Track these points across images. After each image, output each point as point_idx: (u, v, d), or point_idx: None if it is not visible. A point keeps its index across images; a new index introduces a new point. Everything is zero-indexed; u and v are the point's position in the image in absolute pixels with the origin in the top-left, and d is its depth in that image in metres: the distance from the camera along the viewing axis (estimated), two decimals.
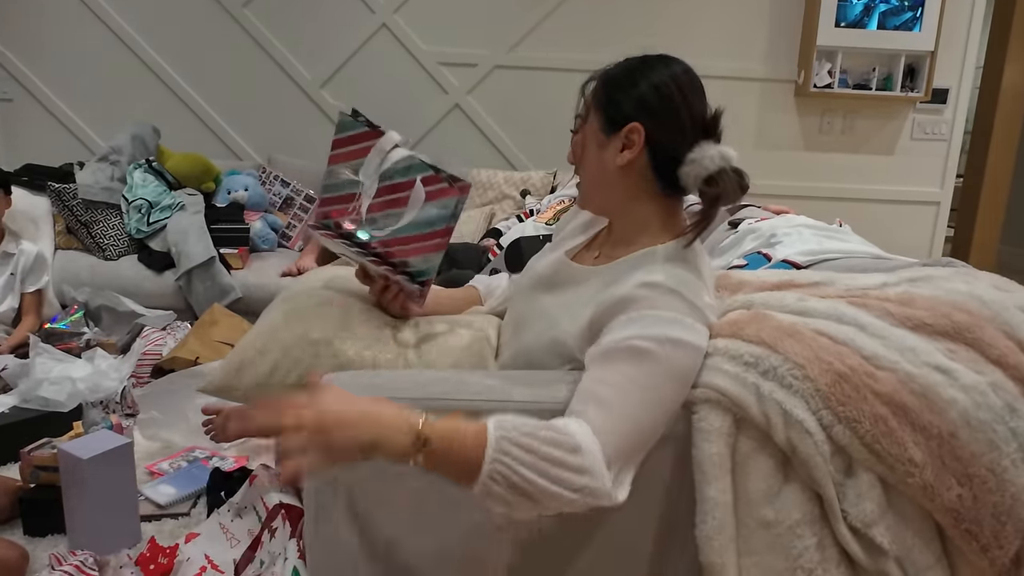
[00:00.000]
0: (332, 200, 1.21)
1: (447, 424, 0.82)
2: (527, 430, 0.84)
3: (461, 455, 0.80)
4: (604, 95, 1.10)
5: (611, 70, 1.11)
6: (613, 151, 1.08)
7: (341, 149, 1.21)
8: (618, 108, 1.08)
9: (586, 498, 0.86)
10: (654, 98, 1.06)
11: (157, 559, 1.42)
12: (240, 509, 1.49)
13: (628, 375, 0.93)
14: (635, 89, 1.07)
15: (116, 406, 2.16)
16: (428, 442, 0.79)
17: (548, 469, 0.83)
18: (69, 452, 1.50)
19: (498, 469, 0.80)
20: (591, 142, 1.12)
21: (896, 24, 3.63)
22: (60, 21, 3.58)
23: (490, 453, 0.80)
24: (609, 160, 1.09)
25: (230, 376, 1.19)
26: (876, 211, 3.96)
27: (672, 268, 1.03)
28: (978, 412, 0.92)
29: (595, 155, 1.11)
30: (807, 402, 0.94)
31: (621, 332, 0.96)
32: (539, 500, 0.84)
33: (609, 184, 1.11)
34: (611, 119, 1.08)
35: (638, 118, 1.06)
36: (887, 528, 0.94)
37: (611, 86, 1.09)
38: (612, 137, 1.08)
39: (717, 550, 0.96)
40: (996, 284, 1.08)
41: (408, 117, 3.78)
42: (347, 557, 1.04)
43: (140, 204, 3.10)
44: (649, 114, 1.06)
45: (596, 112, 1.11)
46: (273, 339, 1.20)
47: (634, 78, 1.07)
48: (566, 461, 0.84)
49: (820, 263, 1.52)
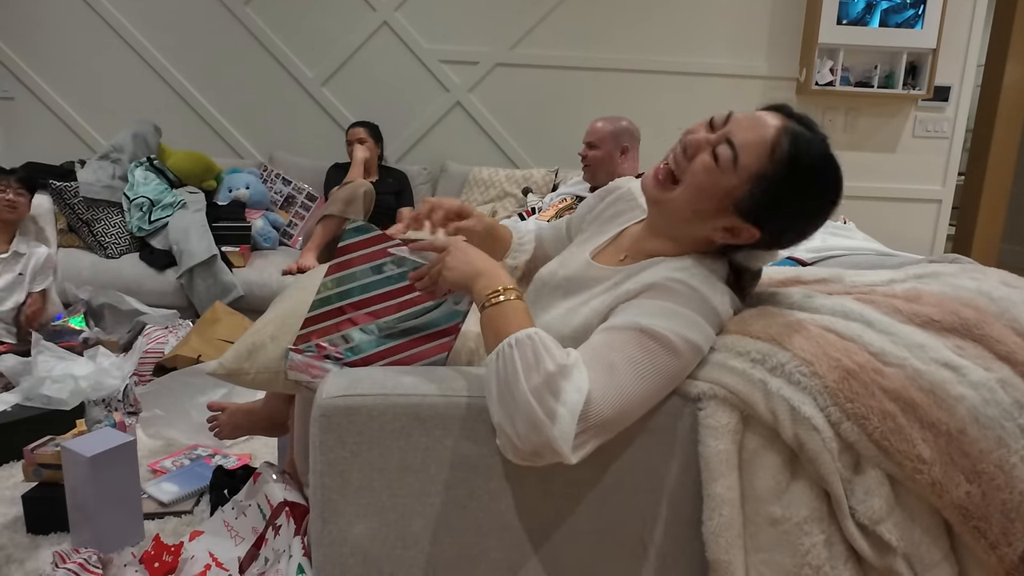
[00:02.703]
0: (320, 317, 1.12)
1: (518, 303, 0.99)
2: (552, 346, 0.92)
3: (507, 322, 0.96)
4: (773, 185, 0.98)
5: (792, 152, 0.97)
6: (722, 221, 1.02)
7: (348, 255, 1.12)
8: (769, 217, 1.00)
9: (543, 426, 0.87)
10: (794, 231, 1.04)
11: (162, 557, 1.42)
12: (244, 507, 1.49)
13: (639, 357, 0.93)
14: (793, 213, 1.01)
15: (119, 404, 2.16)
16: (500, 302, 0.98)
17: (532, 374, 0.88)
18: (72, 450, 1.50)
19: (511, 344, 0.92)
20: (706, 182, 1.00)
21: (898, 22, 3.63)
22: (61, 19, 3.57)
23: (514, 336, 0.93)
24: (708, 219, 1.03)
25: (241, 360, 1.19)
26: (878, 209, 3.96)
27: (696, 269, 1.02)
28: (987, 409, 0.91)
29: (699, 195, 1.01)
30: (815, 399, 0.94)
31: (644, 315, 0.95)
32: (512, 391, 0.89)
33: (692, 225, 1.05)
34: (750, 211, 1.00)
35: (768, 231, 1.02)
36: (895, 525, 0.93)
37: (784, 190, 0.98)
38: (734, 215, 1.01)
39: (724, 547, 0.95)
40: (1004, 280, 1.08)
41: (409, 115, 3.78)
42: (352, 555, 1.03)
43: (142, 202, 3.10)
44: (778, 237, 1.04)
45: (751, 184, 0.98)
46: (285, 326, 1.20)
47: (800, 204, 1.00)
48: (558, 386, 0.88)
49: (825, 259, 1.52)
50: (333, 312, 1.11)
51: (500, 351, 0.92)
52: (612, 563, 1.06)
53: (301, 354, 1.11)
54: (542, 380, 0.88)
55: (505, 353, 0.92)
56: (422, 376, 1.04)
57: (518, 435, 0.88)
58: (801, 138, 0.99)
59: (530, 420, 0.87)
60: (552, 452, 0.88)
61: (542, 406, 0.87)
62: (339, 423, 0.99)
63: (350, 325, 1.11)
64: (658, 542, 1.05)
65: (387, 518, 1.02)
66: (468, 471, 1.01)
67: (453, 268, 1.04)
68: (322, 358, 1.11)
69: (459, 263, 1.04)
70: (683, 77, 3.78)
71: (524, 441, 0.88)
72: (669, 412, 0.99)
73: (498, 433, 0.92)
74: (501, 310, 0.97)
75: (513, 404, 0.89)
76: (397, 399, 1.00)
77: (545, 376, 0.88)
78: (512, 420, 0.89)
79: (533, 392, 0.88)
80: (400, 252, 1.10)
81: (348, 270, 1.11)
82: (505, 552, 1.04)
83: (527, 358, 0.90)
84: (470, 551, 1.04)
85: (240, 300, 2.94)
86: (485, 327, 0.98)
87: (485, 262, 1.04)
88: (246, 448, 2.06)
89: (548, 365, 0.89)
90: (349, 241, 1.11)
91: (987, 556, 0.93)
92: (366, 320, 1.11)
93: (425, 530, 1.03)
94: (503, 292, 0.98)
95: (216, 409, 1.73)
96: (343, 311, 1.11)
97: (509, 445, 0.91)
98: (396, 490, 1.02)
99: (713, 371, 0.99)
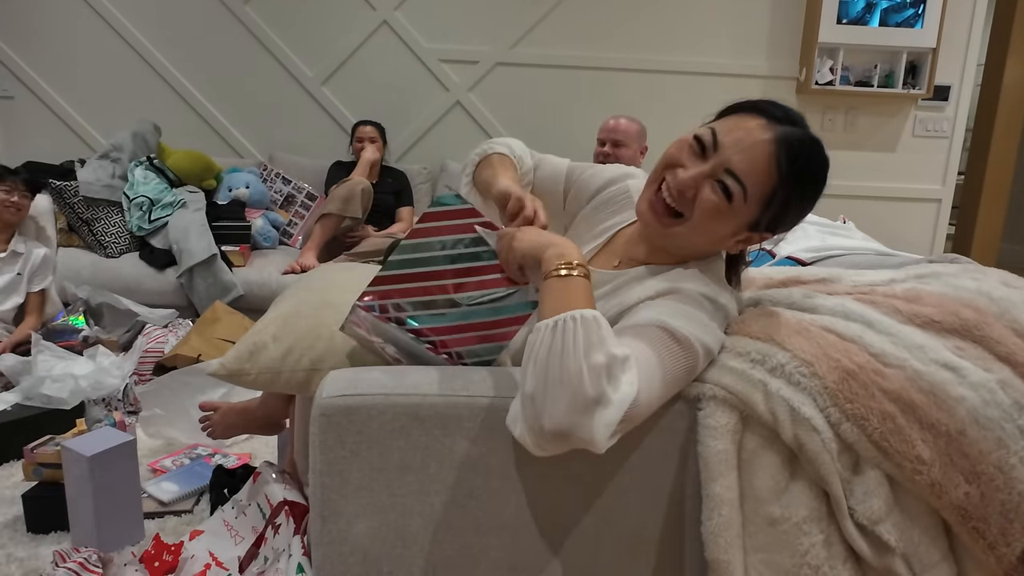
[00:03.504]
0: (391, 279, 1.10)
1: (585, 281, 0.94)
2: (612, 336, 0.88)
3: (569, 296, 0.91)
4: (783, 199, 0.99)
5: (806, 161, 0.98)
6: (735, 239, 1.04)
7: (432, 223, 1.09)
8: (777, 224, 1.02)
9: (588, 407, 0.82)
10: (796, 221, 1.05)
11: (162, 556, 1.42)
12: (244, 506, 1.49)
13: (667, 358, 0.93)
14: (799, 209, 1.02)
15: (119, 403, 2.16)
16: (564, 275, 0.93)
17: (593, 353, 0.84)
18: (73, 449, 1.50)
19: (575, 319, 0.87)
20: (725, 216, 1.00)
21: (898, 21, 3.63)
22: (61, 18, 3.57)
23: (580, 311, 0.88)
24: (719, 244, 1.05)
25: (242, 360, 1.19)
26: (877, 208, 3.96)
27: (705, 276, 1.04)
28: (986, 410, 0.92)
29: (717, 225, 1.01)
30: (814, 399, 0.94)
31: (669, 316, 0.95)
32: (563, 361, 0.84)
33: (698, 246, 1.06)
34: (762, 224, 1.01)
35: (775, 230, 1.04)
36: (894, 525, 0.94)
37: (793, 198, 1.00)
38: (747, 231, 1.02)
39: (723, 547, 0.95)
40: (1004, 281, 1.08)
41: (409, 114, 3.78)
42: (352, 554, 1.03)
43: (141, 201, 3.10)
44: (780, 228, 1.04)
45: (762, 205, 0.99)
46: (286, 326, 1.20)
47: (802, 204, 1.02)
48: (616, 374, 0.85)
49: (825, 259, 1.52)
50: (405, 277, 1.08)
51: (560, 321, 0.87)
52: (612, 562, 1.06)
53: (367, 312, 1.08)
54: (604, 362, 0.83)
55: (567, 325, 0.86)
56: (422, 376, 1.04)
57: (552, 409, 0.83)
58: (795, 144, 0.97)
59: (576, 396, 0.82)
60: (584, 436, 0.83)
61: (594, 387, 0.82)
62: (339, 422, 0.99)
63: (421, 294, 1.08)
64: (658, 542, 1.05)
65: (387, 517, 1.03)
66: (467, 470, 1.01)
67: (524, 240, 1.00)
68: (386, 320, 1.08)
69: (532, 235, 1.01)
70: (683, 77, 3.78)
71: (556, 418, 0.83)
72: (669, 412, 1.00)
73: (523, 406, 0.87)
74: (568, 283, 0.92)
75: (560, 376, 0.83)
76: (397, 399, 1.00)
77: (609, 359, 0.84)
78: (551, 391, 0.83)
79: (590, 370, 0.83)
80: (484, 231, 1.06)
81: (429, 238, 1.08)
82: (504, 551, 1.04)
83: (591, 337, 0.85)
84: (469, 550, 1.04)
85: (240, 299, 2.94)
86: (546, 294, 0.93)
87: (559, 238, 0.99)
88: (246, 447, 2.06)
89: (615, 350, 0.85)
90: (437, 209, 1.07)
91: (985, 556, 0.93)
92: (438, 292, 1.08)
93: (424, 529, 1.03)
94: (573, 267, 0.93)
95: (208, 409, 1.73)
96: (416, 278, 1.08)
97: (532, 420, 0.85)
98: (396, 489, 1.02)
99: (713, 371, 0.99)
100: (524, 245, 1.00)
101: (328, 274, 1.40)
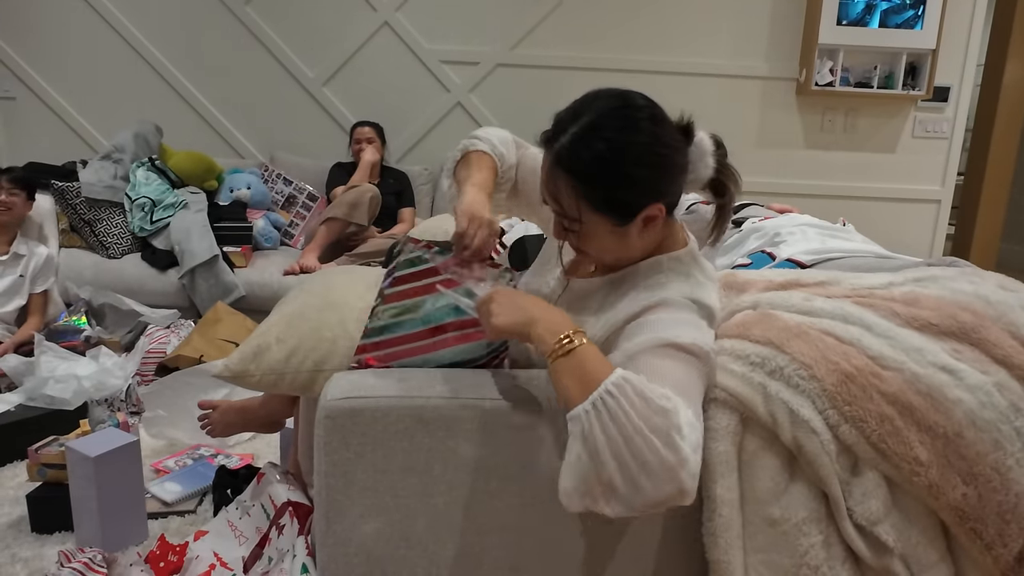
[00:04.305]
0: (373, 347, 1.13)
1: (591, 347, 0.91)
2: (648, 384, 0.85)
3: (587, 370, 0.87)
4: (598, 197, 0.98)
5: (577, 163, 0.97)
6: (635, 231, 1.01)
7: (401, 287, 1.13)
8: (627, 207, 0.99)
9: (676, 473, 0.80)
10: (654, 177, 0.98)
11: (167, 556, 1.43)
12: (248, 507, 1.50)
13: (690, 372, 0.93)
14: (630, 181, 0.97)
15: (121, 404, 2.17)
16: (571, 348, 0.90)
17: (652, 417, 0.81)
18: (77, 450, 1.51)
19: (611, 393, 0.83)
20: (602, 236, 1.02)
21: (898, 22, 3.64)
22: (62, 19, 3.58)
23: (613, 378, 0.85)
24: (632, 240, 1.03)
25: (247, 362, 1.20)
26: (877, 209, 3.96)
27: (682, 277, 1.05)
28: (983, 412, 0.93)
29: (613, 243, 1.03)
30: (813, 402, 0.95)
31: (671, 331, 0.95)
32: (630, 445, 0.81)
33: (632, 250, 1.06)
34: (622, 215, 0.99)
35: (652, 201, 0.98)
36: (892, 526, 0.95)
37: (599, 186, 0.97)
38: (629, 225, 1.00)
39: (723, 547, 0.96)
40: (1002, 284, 1.09)
41: (410, 115, 3.78)
42: (356, 554, 1.04)
43: (143, 202, 3.10)
44: (658, 193, 0.99)
45: (597, 215, 0.99)
46: (290, 328, 1.21)
47: (618, 167, 0.96)
48: (679, 423, 0.82)
49: (824, 262, 1.53)
50: (387, 342, 1.12)
51: (598, 403, 0.83)
52: (612, 562, 1.07)
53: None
54: (664, 423, 0.81)
55: (608, 404, 0.83)
56: (425, 378, 1.05)
57: (643, 490, 0.81)
58: (563, 155, 0.98)
59: (664, 471, 0.80)
60: (682, 497, 0.81)
61: (674, 453, 0.80)
62: (343, 424, 1.00)
63: (407, 355, 1.12)
64: (657, 542, 1.06)
65: (391, 518, 1.04)
66: (470, 472, 1.02)
67: (501, 314, 0.97)
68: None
69: (506, 310, 0.97)
70: (683, 77, 3.79)
71: (648, 495, 0.81)
72: None
73: (597, 492, 0.83)
74: (577, 358, 0.89)
75: (637, 458, 0.80)
76: (400, 401, 1.01)
77: (665, 416, 0.81)
78: (636, 476, 0.81)
79: (662, 439, 0.80)
80: (446, 291, 1.09)
81: (401, 301, 1.12)
82: (506, 552, 1.05)
83: (635, 403, 0.82)
84: (472, 550, 1.05)
85: (241, 300, 2.95)
86: (560, 377, 0.89)
87: (535, 305, 0.97)
88: (248, 448, 2.07)
89: (662, 403, 0.83)
90: (404, 272, 1.12)
91: (983, 557, 0.94)
92: (420, 352, 1.12)
93: (428, 530, 1.04)
94: (572, 337, 0.90)
95: (207, 407, 1.73)
96: (398, 342, 1.12)
97: (618, 504, 0.83)
98: (399, 491, 1.03)
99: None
100: (502, 322, 0.96)
101: (331, 277, 1.41)
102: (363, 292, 1.31)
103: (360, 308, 1.24)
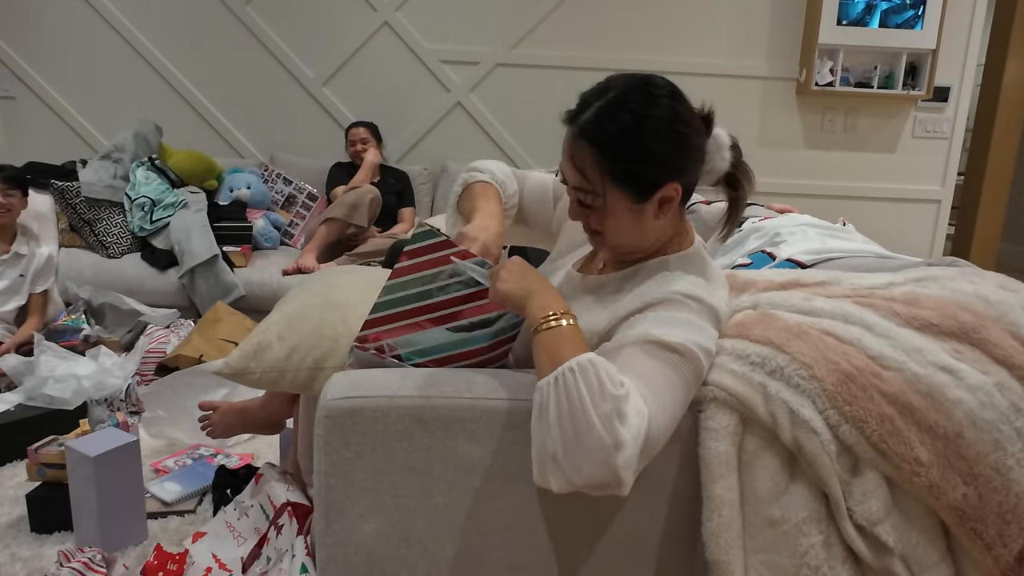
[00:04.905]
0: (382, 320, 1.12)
1: (573, 329, 0.96)
2: (613, 371, 0.89)
3: (561, 348, 0.93)
4: (619, 169, 1.00)
5: (603, 135, 1.00)
6: (651, 212, 1.03)
7: (411, 260, 1.11)
8: (646, 181, 1.00)
9: (609, 455, 0.84)
10: (672, 152, 1.00)
11: (166, 566, 1.42)
12: (247, 507, 1.50)
13: (670, 372, 0.93)
14: (649, 154, 0.99)
15: (121, 404, 2.17)
16: (555, 326, 0.95)
17: (600, 401, 0.85)
18: (76, 449, 1.51)
19: (573, 370, 0.88)
20: (620, 213, 1.03)
21: (898, 22, 3.64)
22: (62, 19, 3.58)
23: (574, 360, 0.89)
24: (648, 221, 1.04)
25: (247, 359, 1.20)
26: (877, 209, 3.96)
27: (689, 276, 1.04)
28: (984, 412, 0.92)
29: (630, 223, 1.04)
30: (814, 402, 0.95)
31: (660, 328, 0.96)
32: (575, 421, 0.85)
33: (646, 235, 1.07)
34: (641, 191, 1.01)
35: (670, 179, 1.00)
36: (892, 526, 0.95)
37: (622, 158, 0.99)
38: (646, 203, 1.02)
39: (723, 547, 0.96)
40: (1002, 284, 1.09)
41: (410, 115, 3.78)
42: (356, 554, 1.04)
43: (143, 202, 3.10)
44: (676, 169, 1.01)
45: (617, 191, 1.01)
46: (291, 326, 1.22)
47: (638, 138, 0.99)
48: (623, 411, 0.86)
49: (824, 262, 1.53)
50: (395, 316, 1.11)
51: (559, 377, 0.88)
52: (612, 563, 1.07)
53: (365, 352, 1.12)
54: (610, 407, 0.85)
55: (567, 379, 0.88)
56: (424, 378, 1.05)
57: (577, 466, 0.85)
58: (587, 126, 1.01)
59: (597, 451, 0.84)
60: (615, 483, 0.85)
61: (610, 434, 0.84)
62: (343, 424, 1.00)
63: (416, 329, 1.11)
64: (658, 542, 1.06)
65: (391, 518, 1.04)
66: (470, 472, 1.02)
67: (506, 281, 1.02)
68: (385, 359, 1.12)
69: (513, 278, 1.02)
70: (683, 77, 3.75)
71: (583, 473, 0.85)
72: None
73: (546, 463, 0.88)
74: (556, 334, 0.94)
75: (576, 433, 0.85)
76: (400, 401, 1.01)
77: (613, 402, 0.85)
78: (572, 450, 0.85)
79: (602, 420, 0.84)
80: (459, 261, 1.08)
81: (411, 275, 1.10)
82: (507, 552, 1.05)
83: (591, 384, 0.86)
84: (472, 551, 1.05)
85: (241, 300, 2.95)
86: (539, 350, 0.95)
87: (538, 282, 1.01)
88: (248, 448, 2.07)
89: (613, 390, 0.86)
90: (415, 246, 1.10)
91: (983, 557, 0.94)
92: (430, 326, 1.11)
93: (428, 530, 1.04)
94: (559, 316, 0.95)
95: (208, 408, 1.73)
96: (406, 315, 1.11)
97: (559, 476, 0.87)
98: (399, 491, 1.03)
99: (714, 374, 1.00)
100: (507, 288, 1.01)
101: (331, 276, 1.42)
102: (364, 291, 1.31)
103: (363, 306, 1.24)
